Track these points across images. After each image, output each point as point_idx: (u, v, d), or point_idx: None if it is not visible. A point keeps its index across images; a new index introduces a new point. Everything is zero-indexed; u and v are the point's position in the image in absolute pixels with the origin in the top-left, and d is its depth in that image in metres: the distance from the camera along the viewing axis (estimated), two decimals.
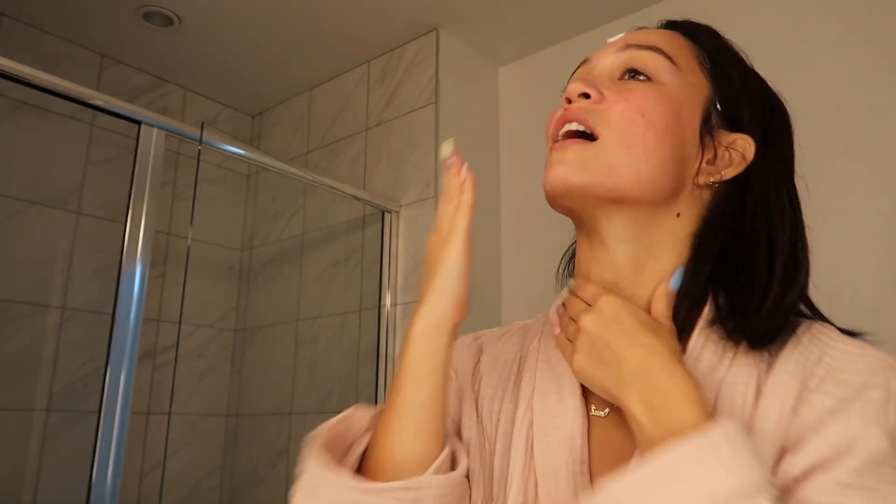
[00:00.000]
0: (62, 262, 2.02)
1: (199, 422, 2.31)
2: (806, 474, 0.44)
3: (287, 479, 2.12)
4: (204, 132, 1.65)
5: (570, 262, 0.69)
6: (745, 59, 0.63)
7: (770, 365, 0.50)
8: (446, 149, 0.58)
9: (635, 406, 0.46)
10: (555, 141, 0.57)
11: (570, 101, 0.57)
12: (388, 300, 2.00)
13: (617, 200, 0.54)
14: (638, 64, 0.57)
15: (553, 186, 0.55)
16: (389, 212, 2.04)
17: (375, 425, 0.57)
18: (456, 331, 0.56)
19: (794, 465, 0.44)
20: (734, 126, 0.59)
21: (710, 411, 0.45)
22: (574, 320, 0.54)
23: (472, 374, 0.66)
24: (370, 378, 1.98)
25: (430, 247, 0.57)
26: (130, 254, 1.46)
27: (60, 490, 1.88)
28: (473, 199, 0.56)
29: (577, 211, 0.57)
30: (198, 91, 2.47)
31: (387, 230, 2.04)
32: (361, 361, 2.04)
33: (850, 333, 0.53)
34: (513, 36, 2.12)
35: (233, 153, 1.84)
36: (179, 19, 2.04)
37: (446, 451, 0.55)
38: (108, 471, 1.33)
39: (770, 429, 0.47)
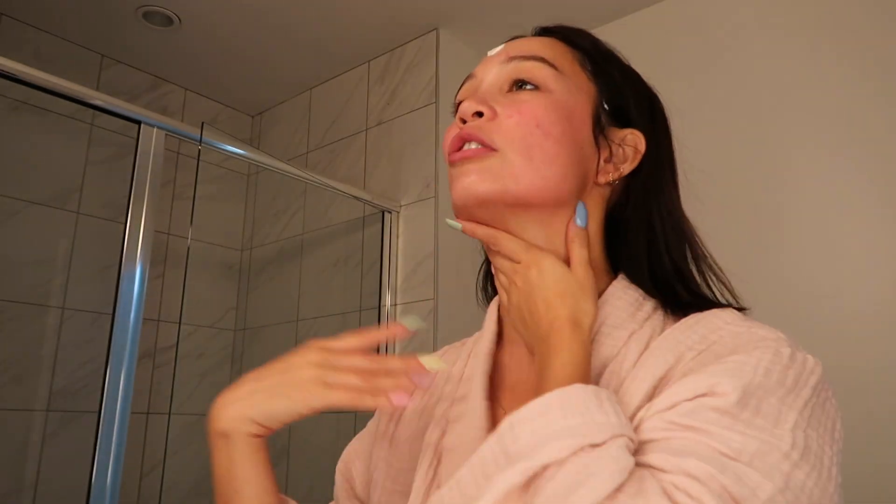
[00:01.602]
0: (62, 262, 2.02)
1: (199, 422, 2.31)
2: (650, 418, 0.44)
3: (287, 479, 2.12)
4: (204, 132, 1.65)
5: (486, 279, 0.71)
6: (622, 56, 0.65)
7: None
8: (414, 323, 0.57)
9: (538, 364, 0.51)
10: (452, 155, 0.58)
11: (464, 121, 0.57)
12: (388, 300, 2.00)
13: (525, 206, 0.56)
14: (524, 74, 0.58)
15: (463, 196, 0.55)
16: (389, 212, 2.04)
17: None
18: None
19: (645, 412, 0.45)
20: (623, 122, 0.61)
21: (584, 377, 0.48)
22: (512, 260, 0.57)
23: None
24: None
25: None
26: (130, 254, 1.46)
27: (60, 490, 1.88)
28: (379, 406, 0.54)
29: (489, 222, 0.58)
30: (198, 91, 2.47)
31: (387, 230, 2.04)
32: None
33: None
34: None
35: (233, 153, 1.84)
36: (179, 19, 2.04)
37: None
38: (108, 471, 1.33)
39: (629, 401, 0.48)
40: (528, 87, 0.58)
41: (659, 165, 0.61)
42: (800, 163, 1.61)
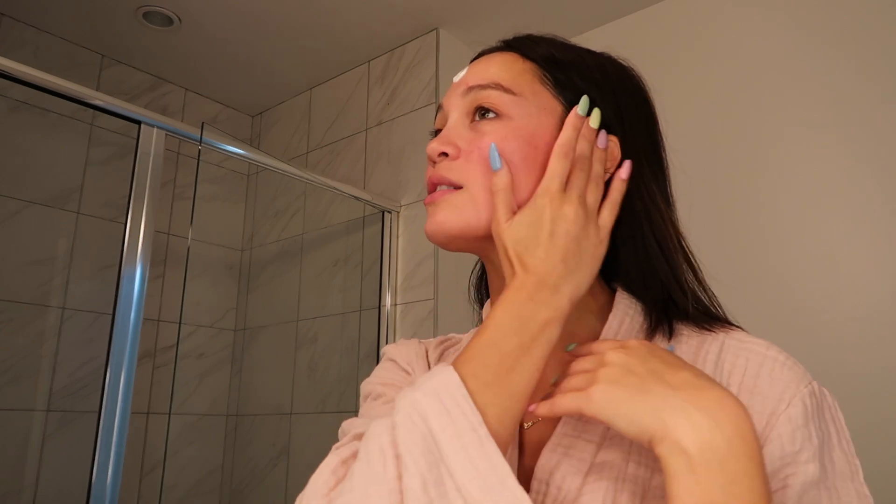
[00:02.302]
0: (62, 262, 2.02)
1: (199, 422, 2.31)
2: None
3: (287, 479, 2.12)
4: (204, 132, 1.65)
5: (480, 282, 0.71)
6: (583, 50, 0.63)
7: None
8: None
9: (685, 429, 0.41)
10: (426, 199, 0.60)
11: (434, 162, 0.60)
12: (388, 300, 2.00)
13: (490, 237, 0.56)
14: (483, 102, 0.58)
15: (432, 233, 0.58)
16: (389, 212, 2.04)
17: None
18: None
19: None
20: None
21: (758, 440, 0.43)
22: (580, 371, 0.50)
23: (426, 369, 0.67)
24: None
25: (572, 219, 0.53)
26: (130, 254, 1.46)
27: (60, 490, 1.88)
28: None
29: (468, 251, 0.60)
30: (198, 91, 2.47)
31: (387, 230, 2.04)
32: (361, 361, 2.04)
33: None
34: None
35: (233, 153, 1.84)
36: (179, 19, 2.04)
37: None
38: (108, 471, 1.33)
39: None
40: (490, 115, 0.58)
41: (639, 164, 0.59)
42: (799, 164, 1.61)
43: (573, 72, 0.60)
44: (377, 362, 2.25)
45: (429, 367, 0.66)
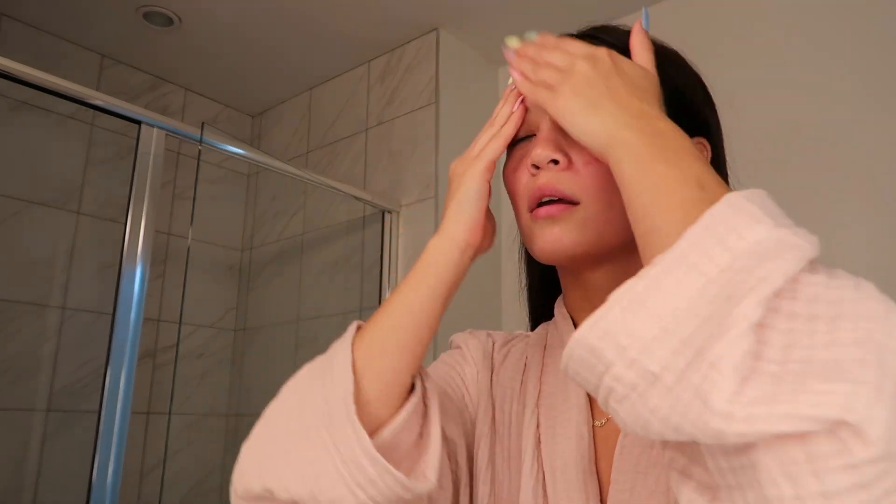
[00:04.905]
0: (62, 262, 2.02)
1: (199, 422, 2.31)
2: None
3: None
4: (204, 132, 1.65)
5: (542, 295, 0.71)
6: (663, 46, 0.62)
7: None
8: (512, 42, 0.58)
9: (630, 148, 0.44)
10: (532, 209, 0.56)
11: (536, 167, 0.55)
12: None
13: (608, 254, 0.56)
14: None
15: (550, 251, 0.54)
16: (389, 212, 2.04)
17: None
18: (471, 253, 0.56)
19: None
20: (688, 132, 0.59)
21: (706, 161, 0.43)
22: (550, 65, 0.52)
23: (490, 367, 0.67)
24: None
25: (453, 168, 0.58)
26: (130, 254, 1.46)
27: (60, 490, 1.88)
28: (513, 132, 0.57)
29: (569, 268, 0.59)
30: (198, 91, 2.47)
31: (387, 230, 2.04)
32: None
33: None
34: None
35: (233, 153, 1.84)
36: (179, 19, 2.04)
37: (415, 400, 0.51)
38: (108, 471, 1.34)
39: None
40: None
41: (724, 174, 0.60)
42: (813, 159, 1.61)
43: (670, 71, 0.58)
44: None
45: (491, 367, 0.66)
